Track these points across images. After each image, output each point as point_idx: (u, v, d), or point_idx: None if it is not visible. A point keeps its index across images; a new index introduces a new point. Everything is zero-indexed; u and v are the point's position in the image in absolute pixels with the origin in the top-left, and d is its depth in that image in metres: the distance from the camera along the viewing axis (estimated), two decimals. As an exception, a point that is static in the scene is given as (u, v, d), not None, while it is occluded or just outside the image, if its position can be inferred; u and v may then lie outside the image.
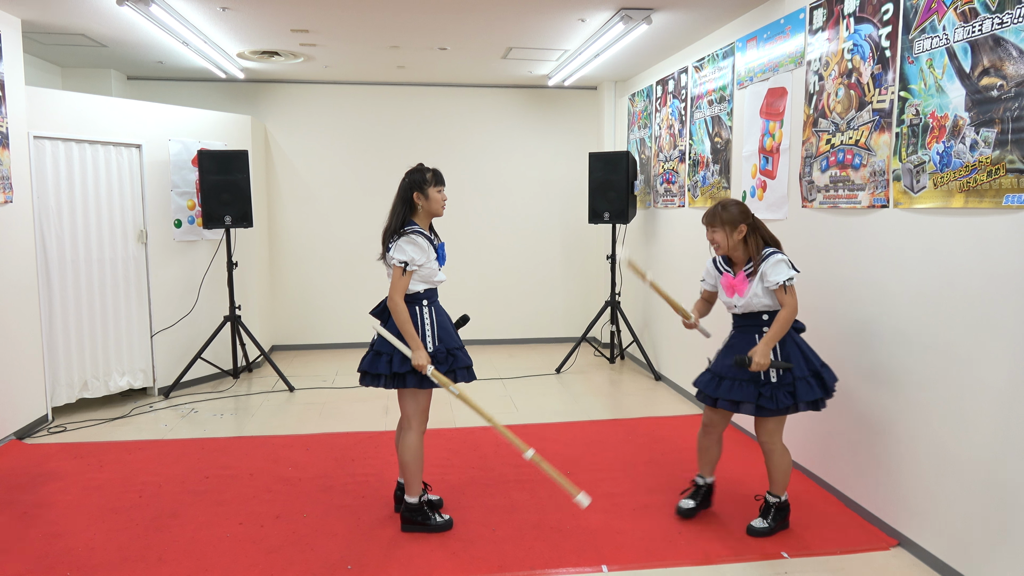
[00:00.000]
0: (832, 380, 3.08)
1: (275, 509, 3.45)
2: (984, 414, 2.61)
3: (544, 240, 7.51)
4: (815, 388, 2.99)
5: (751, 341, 3.07)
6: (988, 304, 2.58)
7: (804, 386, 2.98)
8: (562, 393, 5.58)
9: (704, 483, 3.36)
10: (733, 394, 3.03)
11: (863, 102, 3.26)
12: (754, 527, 3.16)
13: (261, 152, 6.80)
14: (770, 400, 2.96)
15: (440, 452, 4.17)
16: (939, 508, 2.85)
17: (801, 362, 3.01)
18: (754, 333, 3.09)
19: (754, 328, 3.10)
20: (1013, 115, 2.45)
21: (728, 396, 3.04)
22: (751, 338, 3.08)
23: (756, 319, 3.10)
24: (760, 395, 2.97)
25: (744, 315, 3.13)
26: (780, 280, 2.99)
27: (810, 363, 3.03)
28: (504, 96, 7.30)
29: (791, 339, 3.06)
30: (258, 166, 6.60)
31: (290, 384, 5.71)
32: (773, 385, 2.97)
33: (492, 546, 3.07)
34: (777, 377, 2.99)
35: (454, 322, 3.24)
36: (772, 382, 2.98)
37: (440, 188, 3.14)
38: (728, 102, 4.66)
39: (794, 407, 2.99)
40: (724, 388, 3.06)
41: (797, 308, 3.02)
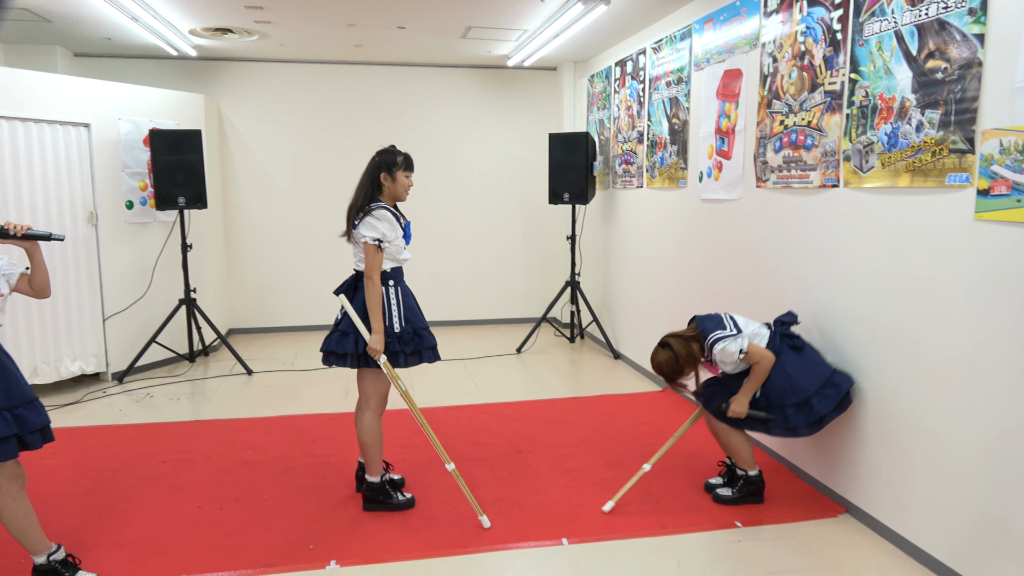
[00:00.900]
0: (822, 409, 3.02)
1: (234, 492, 3.43)
2: (929, 389, 2.72)
3: (504, 221, 7.52)
4: (789, 418, 3.04)
5: (738, 376, 3.21)
6: (934, 281, 2.68)
7: (778, 415, 3.06)
8: (522, 372, 5.62)
9: (732, 463, 3.39)
10: (714, 395, 3.26)
11: (815, 84, 3.33)
12: (719, 494, 3.29)
13: (215, 132, 6.66)
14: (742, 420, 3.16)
15: (402, 432, 4.18)
16: (883, 477, 2.96)
17: (785, 388, 3.05)
18: (743, 377, 3.17)
19: (745, 374, 3.18)
20: (956, 97, 2.53)
21: (710, 396, 3.28)
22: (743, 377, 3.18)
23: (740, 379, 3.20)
24: None
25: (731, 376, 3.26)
26: (735, 358, 3.08)
27: (796, 390, 3.03)
28: (464, 76, 7.26)
29: (780, 368, 3.08)
30: (212, 146, 6.46)
31: (248, 367, 5.65)
32: None
33: (454, 523, 3.10)
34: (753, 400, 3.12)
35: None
36: None
37: (408, 174, 3.13)
38: (686, 83, 4.71)
39: (765, 430, 3.14)
40: (710, 390, 3.29)
41: (769, 358, 3.05)
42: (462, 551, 2.87)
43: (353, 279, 3.16)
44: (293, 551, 2.88)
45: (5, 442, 2.33)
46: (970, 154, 2.48)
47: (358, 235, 3.03)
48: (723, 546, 2.91)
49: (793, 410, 3.03)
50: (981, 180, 2.43)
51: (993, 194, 2.39)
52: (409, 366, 3.12)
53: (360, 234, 3.01)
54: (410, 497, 3.26)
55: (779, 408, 3.06)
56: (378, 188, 3.09)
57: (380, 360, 3.02)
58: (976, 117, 2.45)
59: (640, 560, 2.81)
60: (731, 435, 3.22)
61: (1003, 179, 2.35)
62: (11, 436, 2.34)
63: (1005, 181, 2.34)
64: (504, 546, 2.91)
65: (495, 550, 2.89)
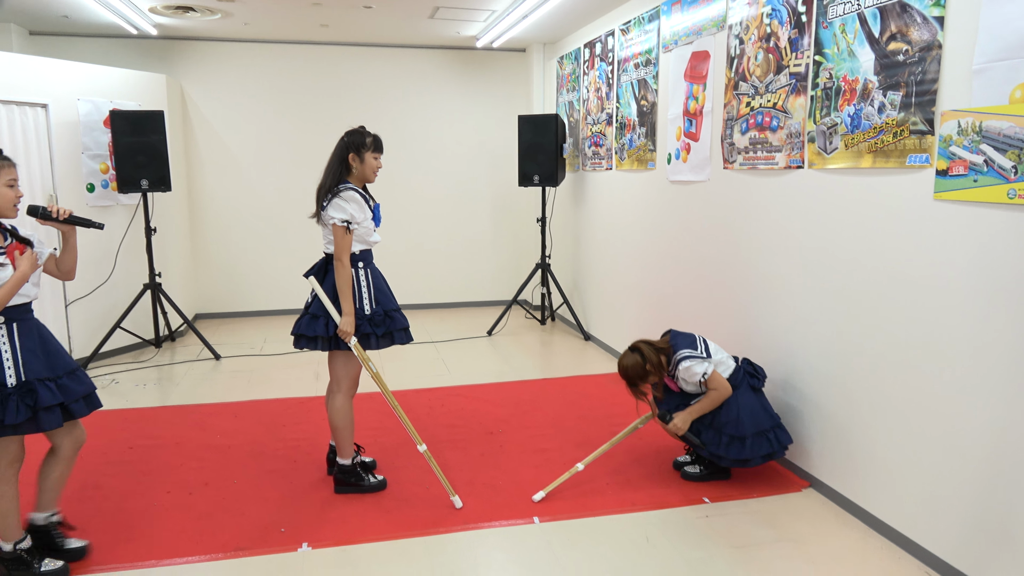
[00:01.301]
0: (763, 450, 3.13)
1: (203, 476, 3.41)
2: (892, 366, 2.79)
3: (474, 204, 7.50)
4: (723, 446, 3.12)
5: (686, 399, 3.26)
6: (896, 258, 2.74)
7: (712, 436, 3.14)
8: (494, 355, 5.64)
9: None
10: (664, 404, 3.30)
11: (781, 66, 3.37)
12: (687, 472, 3.35)
13: (178, 113, 6.53)
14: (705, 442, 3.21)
15: (373, 415, 4.17)
16: (846, 453, 3.04)
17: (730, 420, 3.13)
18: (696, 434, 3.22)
19: (694, 429, 3.22)
20: (917, 79, 2.58)
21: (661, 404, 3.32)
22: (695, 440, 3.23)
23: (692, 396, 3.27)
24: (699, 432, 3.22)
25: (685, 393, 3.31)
26: (697, 380, 3.15)
27: (739, 426, 3.12)
28: (432, 57, 7.19)
29: (733, 398, 3.17)
30: (175, 128, 6.34)
31: (216, 352, 5.59)
32: None
33: (426, 504, 3.12)
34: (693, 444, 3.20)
35: None
36: None
37: (377, 155, 3.11)
38: (654, 65, 4.73)
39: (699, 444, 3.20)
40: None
41: (727, 390, 3.14)
42: (434, 531, 2.89)
43: (323, 262, 3.14)
44: (264, 535, 2.87)
45: (50, 411, 2.41)
46: (930, 135, 2.53)
47: (327, 217, 3.01)
48: (691, 521, 2.97)
49: (727, 439, 3.13)
50: (940, 161, 2.49)
51: (951, 174, 2.45)
52: (381, 348, 3.12)
53: (329, 216, 2.99)
54: (382, 479, 3.26)
55: (717, 432, 3.15)
56: (347, 169, 3.07)
57: (351, 342, 3.01)
58: (936, 99, 2.50)
59: (610, 536, 2.85)
60: None
61: (961, 160, 2.41)
62: (55, 405, 2.43)
63: (963, 162, 2.40)
64: (476, 525, 2.94)
65: (467, 529, 2.91)
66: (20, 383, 2.38)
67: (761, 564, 2.65)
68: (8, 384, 2.36)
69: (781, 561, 2.67)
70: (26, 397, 2.37)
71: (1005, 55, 2.24)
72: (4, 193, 2.43)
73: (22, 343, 2.42)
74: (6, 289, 2.36)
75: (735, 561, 2.67)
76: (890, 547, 2.76)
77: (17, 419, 2.34)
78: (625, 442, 3.75)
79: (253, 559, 2.71)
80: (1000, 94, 2.26)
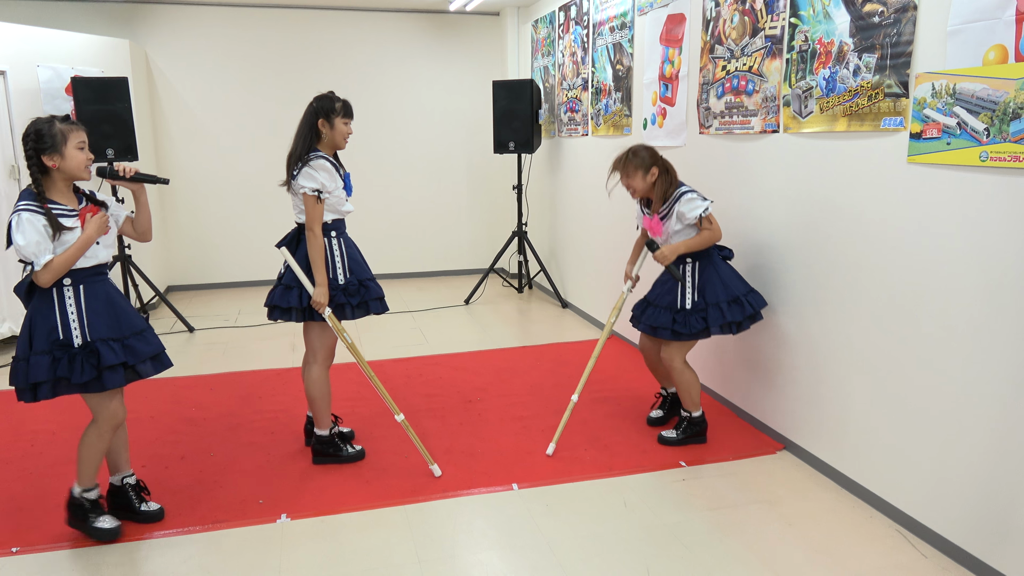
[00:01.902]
0: (759, 304, 3.22)
1: (179, 450, 3.38)
2: (864, 328, 2.82)
3: (449, 171, 7.42)
4: (727, 313, 3.13)
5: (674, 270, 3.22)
6: (868, 222, 2.76)
7: (715, 312, 3.14)
8: (471, 323, 5.64)
9: (667, 393, 3.60)
10: (652, 320, 3.23)
11: (756, 28, 3.34)
12: (664, 436, 3.38)
13: (143, 80, 6.35)
14: (683, 325, 3.15)
15: (350, 385, 4.16)
16: (819, 414, 3.08)
17: (718, 289, 3.16)
18: (678, 265, 3.22)
19: (678, 263, 3.22)
20: (892, 41, 2.56)
21: (648, 322, 3.25)
22: (676, 267, 3.20)
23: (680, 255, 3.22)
24: (675, 320, 3.16)
25: None
26: (697, 214, 3.12)
27: (728, 290, 3.17)
28: (404, 21, 7.05)
29: (712, 266, 3.20)
30: (140, 95, 6.17)
31: (189, 325, 5.52)
32: (687, 311, 3.16)
33: (405, 473, 3.12)
34: (692, 303, 3.16)
35: None
36: (686, 309, 3.16)
37: (347, 120, 3.04)
38: (629, 29, 4.67)
39: (706, 331, 3.15)
40: (647, 315, 3.27)
41: (720, 233, 3.16)
42: (413, 500, 2.90)
43: (295, 232, 3.09)
44: (242, 507, 2.86)
45: (113, 371, 2.46)
46: (904, 98, 2.53)
47: (297, 186, 2.95)
48: (668, 485, 3.01)
49: (727, 306, 3.14)
50: (914, 124, 2.49)
51: (925, 137, 2.45)
52: (356, 318, 3.10)
53: (299, 185, 2.94)
54: (360, 449, 3.26)
55: (715, 307, 3.14)
56: (317, 136, 3.01)
57: (325, 313, 2.98)
58: (911, 61, 2.49)
59: (589, 501, 2.88)
60: (684, 374, 3.28)
61: (934, 122, 2.41)
62: (119, 364, 2.48)
63: (936, 124, 2.40)
64: (455, 493, 2.95)
65: (446, 497, 2.92)
66: (85, 343, 2.44)
67: (737, 525, 2.70)
68: (75, 344, 2.43)
69: (757, 522, 2.72)
70: (90, 357, 2.43)
71: (979, 16, 2.23)
72: (75, 155, 2.44)
73: (89, 304, 2.47)
74: (71, 252, 2.40)
75: (712, 523, 2.71)
76: (863, 506, 2.82)
77: (83, 378, 2.41)
78: (602, 408, 3.78)
79: (231, 531, 2.70)
80: (974, 56, 2.25)
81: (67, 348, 2.42)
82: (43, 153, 2.40)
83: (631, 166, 3.18)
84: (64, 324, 2.43)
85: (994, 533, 2.30)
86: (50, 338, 2.41)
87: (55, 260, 2.37)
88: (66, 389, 2.44)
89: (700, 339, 3.22)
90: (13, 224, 2.36)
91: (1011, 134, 2.15)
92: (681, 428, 3.37)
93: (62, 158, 2.41)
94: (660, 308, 3.24)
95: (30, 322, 2.44)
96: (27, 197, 2.40)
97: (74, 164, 2.44)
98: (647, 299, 3.35)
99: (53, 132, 2.40)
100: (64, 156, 2.42)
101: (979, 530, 2.36)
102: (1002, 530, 2.27)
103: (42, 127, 2.41)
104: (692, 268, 3.20)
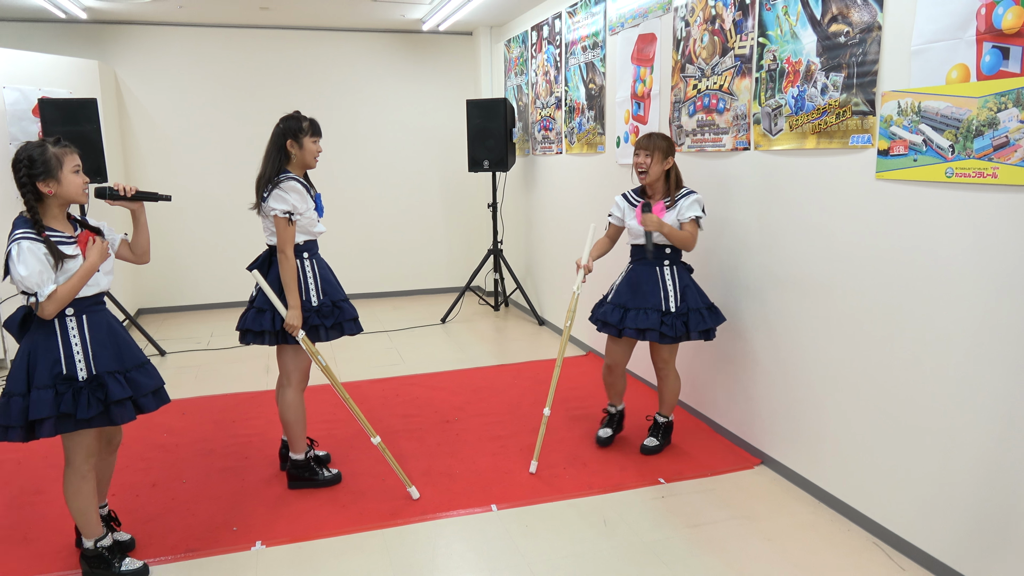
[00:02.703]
0: (722, 317, 3.31)
1: (151, 478, 3.31)
2: (840, 343, 2.85)
3: (424, 190, 7.42)
4: (706, 319, 3.20)
5: (652, 273, 3.23)
6: (839, 238, 2.80)
7: (696, 317, 3.19)
8: (448, 342, 5.61)
9: (616, 411, 3.60)
10: (639, 322, 3.18)
11: (726, 48, 3.39)
12: (647, 445, 3.44)
13: (112, 101, 6.28)
14: (670, 328, 3.16)
15: (324, 407, 4.11)
16: (795, 427, 3.11)
17: (696, 295, 3.24)
18: (655, 266, 3.24)
19: (658, 259, 3.24)
20: (858, 60, 2.62)
21: (635, 325, 3.20)
22: (652, 270, 3.23)
23: (661, 251, 3.24)
24: (663, 323, 3.16)
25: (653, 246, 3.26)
26: (691, 215, 3.18)
27: (704, 297, 3.27)
28: (377, 41, 7.07)
29: (688, 277, 3.28)
30: (110, 116, 6.10)
31: (160, 348, 5.44)
32: (672, 315, 3.18)
33: (383, 496, 3.09)
34: (676, 307, 3.18)
35: None
36: (672, 312, 3.18)
37: (316, 139, 3.02)
38: (601, 48, 4.72)
39: (686, 335, 3.19)
40: (630, 318, 3.22)
41: (694, 243, 3.21)
42: (391, 523, 2.87)
43: (267, 254, 3.06)
44: (216, 534, 2.81)
45: (121, 405, 2.37)
46: (871, 115, 2.58)
47: (267, 208, 2.93)
48: (647, 502, 3.01)
49: (706, 312, 3.22)
50: (881, 141, 2.54)
51: (892, 154, 2.50)
52: (331, 339, 3.07)
53: (269, 207, 2.91)
54: (336, 473, 3.22)
55: (696, 312, 3.20)
56: (286, 157, 2.99)
57: (299, 336, 2.95)
58: (876, 80, 2.55)
59: (568, 521, 2.87)
60: (677, 380, 3.41)
61: (901, 139, 2.46)
62: (126, 399, 2.38)
63: (903, 141, 2.45)
64: (434, 516, 2.92)
65: (425, 520, 2.89)
66: (91, 376, 2.34)
67: (717, 542, 2.70)
68: (80, 377, 2.33)
69: (736, 538, 2.73)
70: (97, 391, 2.33)
71: (941, 36, 2.28)
72: (72, 180, 2.33)
73: (92, 335, 2.37)
74: (75, 280, 2.30)
75: (691, 541, 2.71)
76: (840, 520, 2.84)
77: (89, 413, 2.30)
78: (580, 426, 3.77)
79: (205, 560, 2.65)
80: (937, 75, 2.31)
81: (71, 382, 2.30)
82: (37, 179, 2.27)
83: (659, 147, 3.19)
84: (68, 357, 2.31)
85: (973, 544, 2.33)
86: (53, 371, 2.29)
87: (59, 290, 2.26)
88: (70, 426, 2.31)
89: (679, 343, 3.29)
90: (13, 254, 2.22)
91: (975, 151, 2.20)
92: (660, 433, 3.46)
93: (59, 184, 2.29)
94: (645, 311, 3.20)
95: (28, 356, 2.30)
96: (23, 225, 2.28)
97: (72, 189, 2.33)
98: (621, 304, 3.27)
99: (47, 157, 2.27)
100: (60, 182, 2.29)
101: (958, 542, 2.38)
102: (981, 541, 2.30)
103: (34, 152, 2.27)
104: (670, 271, 3.24)
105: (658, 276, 3.23)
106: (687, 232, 3.18)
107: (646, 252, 3.22)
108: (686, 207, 3.19)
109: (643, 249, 3.26)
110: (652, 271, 3.25)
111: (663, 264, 3.25)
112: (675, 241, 3.17)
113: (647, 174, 3.21)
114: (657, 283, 3.23)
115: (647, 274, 3.26)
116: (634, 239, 3.32)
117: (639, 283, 3.27)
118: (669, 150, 3.21)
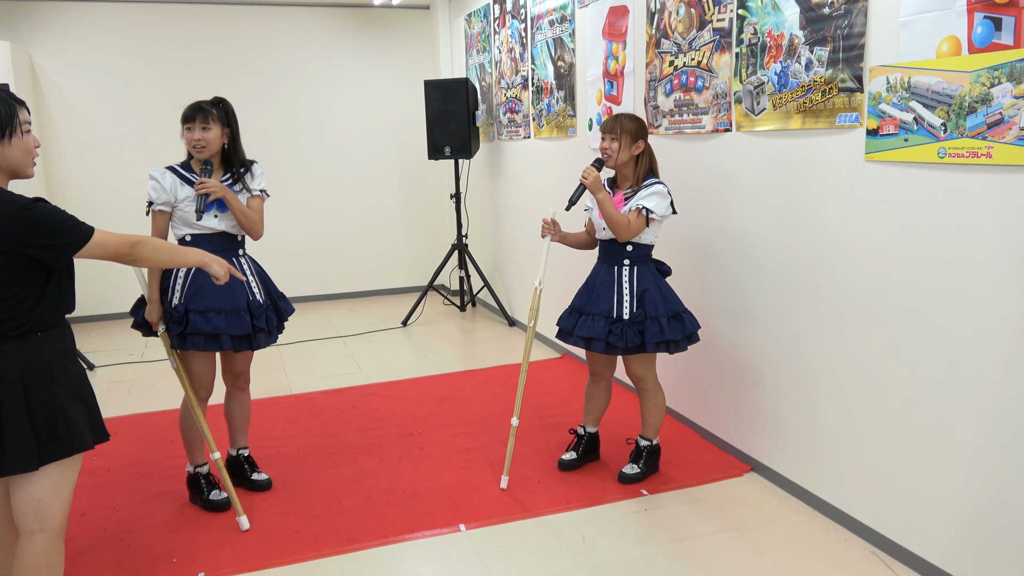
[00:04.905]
0: (696, 325, 3.18)
1: (79, 506, 3.26)
2: (831, 336, 2.90)
3: (380, 180, 7.39)
4: (666, 330, 3.06)
5: (610, 273, 3.15)
6: (826, 223, 2.84)
7: (654, 326, 3.05)
8: (410, 347, 5.60)
9: (585, 433, 3.47)
10: (585, 330, 3.12)
11: (704, 21, 3.42)
12: (625, 474, 3.29)
13: (27, 85, 6.15)
14: (619, 338, 3.04)
15: (275, 422, 4.08)
16: (787, 432, 3.15)
17: (658, 301, 3.08)
18: (614, 265, 3.14)
19: (617, 258, 3.14)
20: (843, 33, 2.66)
21: (580, 333, 3.14)
22: (611, 269, 3.15)
23: (621, 248, 3.14)
24: (610, 332, 3.06)
25: (611, 241, 3.17)
26: (641, 204, 3.03)
27: (668, 304, 3.10)
28: (324, 16, 7.01)
29: (652, 275, 3.13)
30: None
31: (88, 361, 5.35)
32: (624, 323, 3.06)
33: (340, 518, 3.07)
34: (630, 314, 3.07)
35: None
36: (624, 319, 3.08)
37: (189, 126, 3.01)
38: (569, 22, 4.74)
39: (641, 347, 3.06)
40: (579, 325, 3.16)
41: (633, 233, 3.05)
42: (349, 548, 2.86)
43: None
44: (154, 567, 2.77)
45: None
46: (859, 92, 2.62)
47: None
48: (629, 516, 3.03)
49: (667, 321, 3.06)
50: (870, 120, 2.59)
51: (882, 134, 2.55)
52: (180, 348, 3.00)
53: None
54: (224, 498, 3.14)
55: (654, 320, 3.05)
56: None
57: (159, 331, 2.99)
58: (864, 54, 2.59)
59: (544, 540, 2.88)
60: (657, 396, 3.26)
61: (891, 118, 2.51)
62: None
63: (893, 120, 2.50)
64: (396, 539, 2.92)
65: (387, 544, 2.89)
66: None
67: (704, 557, 2.73)
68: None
69: (725, 552, 2.76)
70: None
71: (931, 6, 2.33)
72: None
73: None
74: None
75: (677, 556, 2.74)
76: (837, 529, 2.89)
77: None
78: (555, 435, 3.79)
79: (141, 596, 2.62)
80: (927, 47, 2.35)
81: None
82: None
83: (626, 130, 3.08)
84: None
85: (975, 552, 2.38)
86: None
87: None
88: None
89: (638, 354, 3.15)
90: None
91: (968, 129, 2.25)
92: (642, 460, 3.32)
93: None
94: (592, 317, 3.12)
95: None
96: None
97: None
98: (577, 308, 3.23)
99: None
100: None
101: (958, 549, 2.44)
102: (983, 549, 2.35)
103: None
104: (629, 273, 3.13)
105: (614, 278, 3.13)
106: (622, 217, 3.04)
107: (568, 202, 3.17)
108: (643, 196, 3.06)
109: (608, 245, 3.18)
110: (610, 271, 3.14)
111: (622, 264, 3.15)
112: (606, 219, 3.06)
113: (611, 157, 3.13)
114: (612, 286, 3.13)
115: (604, 275, 3.17)
116: (598, 233, 3.24)
117: (594, 284, 3.19)
118: (639, 133, 3.11)
